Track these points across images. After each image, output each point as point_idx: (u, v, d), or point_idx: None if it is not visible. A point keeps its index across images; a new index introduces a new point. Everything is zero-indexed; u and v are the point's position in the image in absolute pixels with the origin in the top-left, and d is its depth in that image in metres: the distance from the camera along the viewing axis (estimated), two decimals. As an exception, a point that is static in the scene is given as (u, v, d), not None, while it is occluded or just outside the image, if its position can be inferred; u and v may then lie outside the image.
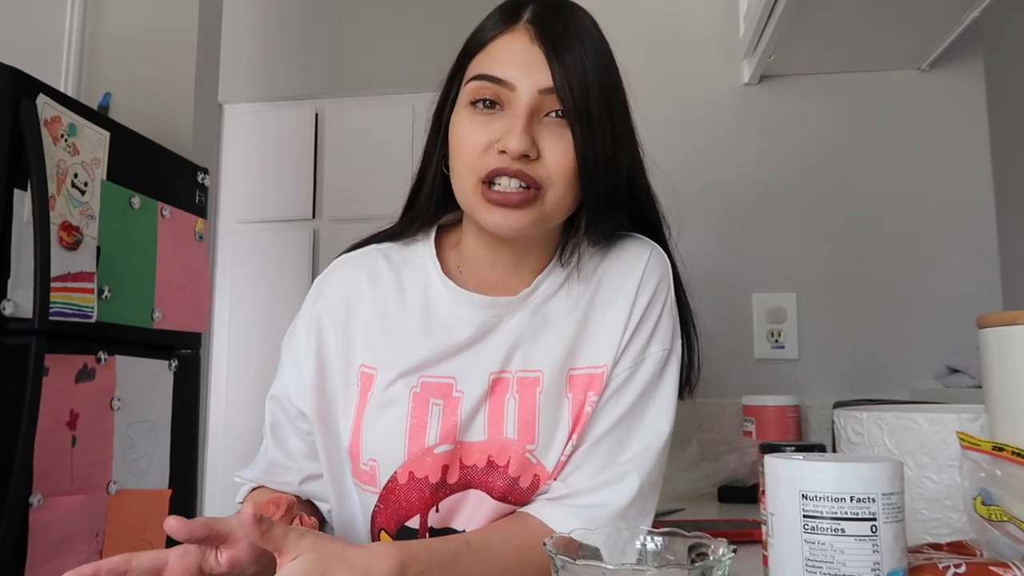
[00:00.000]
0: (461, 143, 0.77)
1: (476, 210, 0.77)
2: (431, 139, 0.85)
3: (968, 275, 1.62)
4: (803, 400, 1.61)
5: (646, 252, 0.86)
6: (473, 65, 0.79)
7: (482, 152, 0.76)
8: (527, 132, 0.74)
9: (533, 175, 0.75)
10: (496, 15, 0.80)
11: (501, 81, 0.76)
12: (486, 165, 0.75)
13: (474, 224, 0.82)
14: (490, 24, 0.80)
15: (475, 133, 0.76)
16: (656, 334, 0.83)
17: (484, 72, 0.77)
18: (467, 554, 0.70)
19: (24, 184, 1.46)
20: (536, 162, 0.75)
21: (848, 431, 0.84)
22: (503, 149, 0.74)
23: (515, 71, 0.75)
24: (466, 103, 0.78)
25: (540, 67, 0.75)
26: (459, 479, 0.78)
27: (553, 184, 0.76)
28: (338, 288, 0.85)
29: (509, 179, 0.74)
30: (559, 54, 0.75)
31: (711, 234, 1.70)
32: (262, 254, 2.79)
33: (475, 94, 0.77)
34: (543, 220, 0.78)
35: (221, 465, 2.69)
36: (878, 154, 1.69)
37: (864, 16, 1.46)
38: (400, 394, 0.79)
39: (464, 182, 0.77)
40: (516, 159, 0.74)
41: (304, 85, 2.85)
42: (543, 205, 0.77)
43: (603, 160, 0.77)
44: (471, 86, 0.78)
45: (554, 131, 0.76)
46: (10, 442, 1.38)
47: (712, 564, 0.53)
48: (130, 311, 1.74)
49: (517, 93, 0.75)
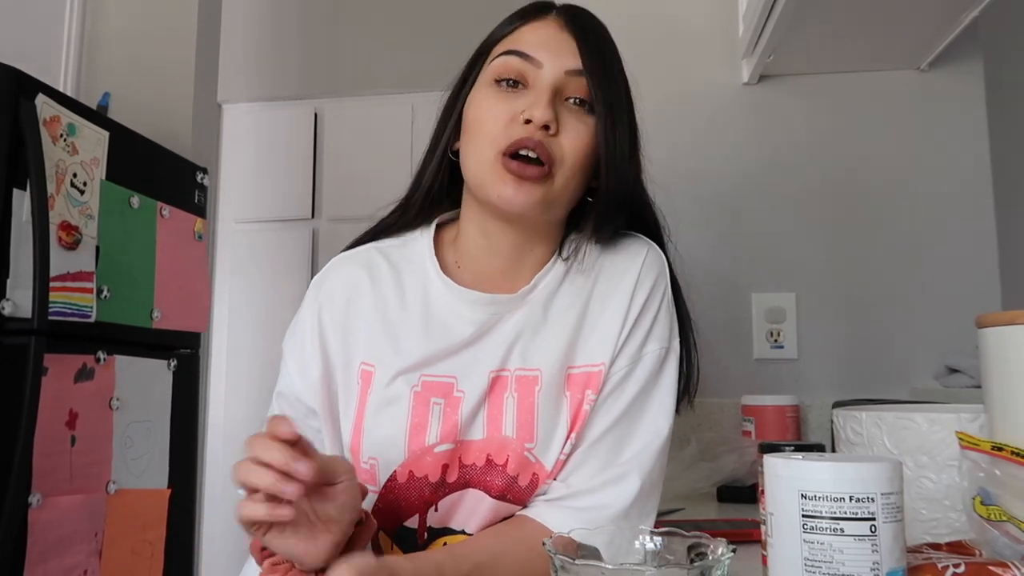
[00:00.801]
0: (483, 116, 0.79)
1: (490, 183, 0.78)
2: (442, 121, 0.87)
3: (967, 274, 1.62)
4: (802, 400, 1.61)
5: (643, 250, 0.86)
6: (498, 47, 0.82)
7: (506, 123, 0.77)
8: (551, 105, 0.77)
9: (550, 149, 0.77)
10: (521, 11, 0.84)
11: (529, 57, 0.79)
12: (509, 136, 0.76)
13: (477, 208, 0.83)
14: (515, 17, 0.84)
15: (498, 106, 0.78)
16: (653, 332, 0.83)
17: (512, 48, 0.80)
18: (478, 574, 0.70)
19: (23, 184, 1.45)
20: (554, 138, 0.77)
21: (847, 431, 0.84)
22: (528, 119, 0.76)
23: (543, 52, 0.79)
24: (489, 81, 0.80)
25: (569, 52, 0.79)
26: (458, 478, 0.78)
27: (564, 164, 0.78)
28: (338, 286, 0.85)
29: (528, 151, 0.76)
30: (588, 43, 0.79)
31: (711, 234, 1.70)
32: (261, 254, 2.79)
33: (500, 71, 0.79)
34: (549, 202, 0.79)
35: (220, 465, 2.68)
36: (877, 154, 1.69)
37: (863, 16, 1.46)
38: (401, 393, 0.79)
39: (483, 154, 0.78)
40: (539, 129, 0.76)
41: (303, 85, 2.85)
42: (552, 185, 0.78)
43: (620, 150, 0.79)
44: (497, 62, 0.80)
45: (574, 114, 0.79)
46: (9, 442, 1.38)
47: (711, 564, 0.53)
48: (129, 311, 1.74)
49: (544, 71, 0.78)
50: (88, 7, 2.33)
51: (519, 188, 0.76)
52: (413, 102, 2.71)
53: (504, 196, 0.77)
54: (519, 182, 0.76)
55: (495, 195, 0.77)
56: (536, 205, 0.77)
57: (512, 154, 0.76)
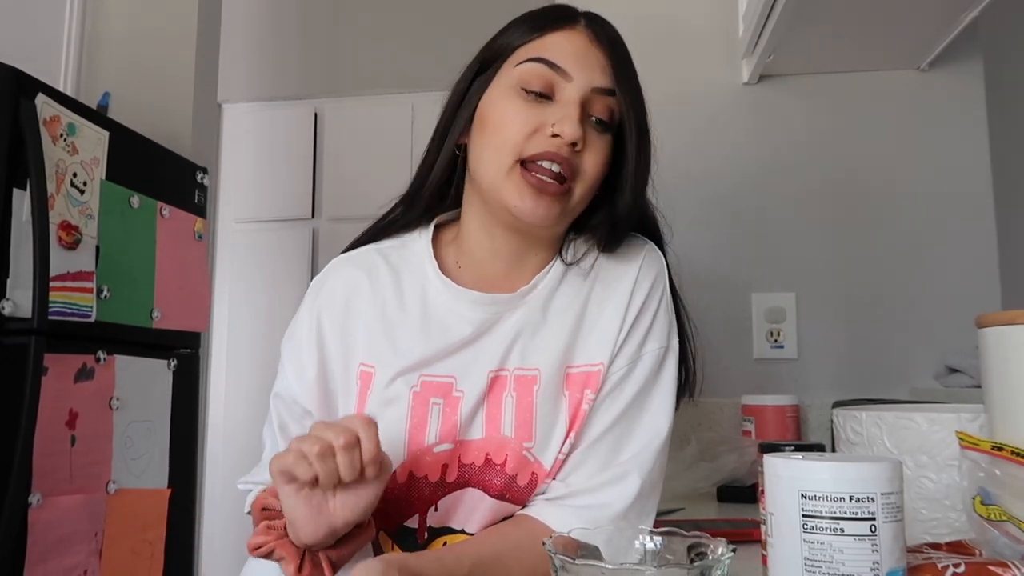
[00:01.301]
0: (507, 122, 0.77)
1: (506, 190, 0.77)
2: (451, 114, 0.84)
3: (967, 274, 1.62)
4: (802, 400, 1.61)
5: (642, 250, 0.86)
6: (524, 50, 0.79)
7: (530, 133, 0.76)
8: (581, 122, 0.76)
9: (574, 165, 0.76)
10: (546, 14, 0.81)
11: (559, 68, 0.77)
12: (533, 147, 0.76)
13: (483, 211, 0.82)
14: (540, 20, 0.81)
15: (524, 114, 0.77)
16: (652, 332, 0.83)
17: (542, 56, 0.78)
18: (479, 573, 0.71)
19: (23, 184, 1.45)
20: (579, 154, 0.77)
21: (847, 431, 0.84)
22: (557, 133, 0.75)
23: (574, 65, 0.77)
24: (514, 85, 0.78)
25: (598, 68, 0.78)
26: (457, 477, 0.78)
27: (583, 181, 0.78)
28: (337, 288, 0.85)
29: (551, 164, 0.75)
30: (619, 61, 0.79)
31: (711, 234, 1.70)
32: (261, 254, 2.79)
33: (527, 78, 0.77)
34: (566, 216, 0.79)
35: (220, 464, 2.69)
36: (877, 154, 1.69)
37: (863, 16, 1.46)
38: (400, 393, 0.79)
39: (501, 159, 0.77)
40: (567, 145, 0.75)
41: (303, 85, 2.85)
42: (570, 200, 0.78)
43: (643, 171, 0.80)
44: (524, 68, 0.78)
45: (595, 132, 0.78)
46: (9, 442, 1.38)
47: (711, 564, 0.53)
48: (129, 311, 1.74)
49: (573, 84, 0.77)
50: (88, 7, 2.33)
51: (538, 201, 0.76)
52: (413, 102, 2.71)
53: (521, 208, 0.76)
54: (538, 195, 0.76)
55: (511, 204, 0.77)
56: (555, 219, 0.78)
57: (530, 163, 0.76)
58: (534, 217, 0.76)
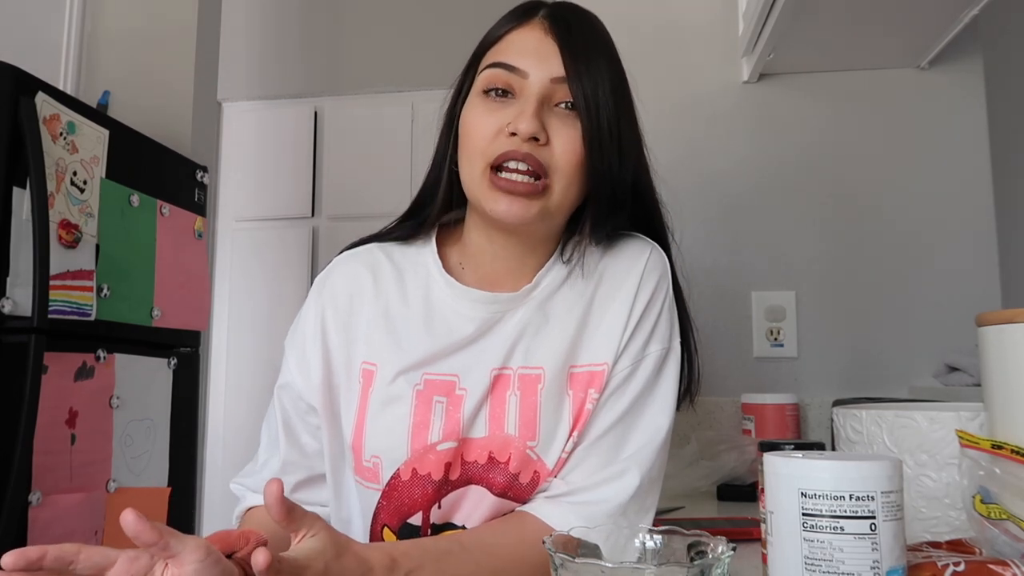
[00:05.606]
0: (472, 129, 0.78)
1: (483, 197, 0.77)
2: (443, 136, 0.86)
3: (967, 273, 1.62)
4: (802, 398, 1.62)
5: (646, 251, 0.86)
6: (487, 57, 0.81)
7: (492, 137, 0.77)
8: (537, 116, 0.75)
9: (540, 160, 0.76)
10: (511, 13, 0.83)
11: (514, 68, 0.78)
12: (495, 149, 0.76)
13: (479, 216, 0.82)
14: (504, 21, 0.82)
15: (486, 118, 0.77)
16: (656, 333, 0.83)
17: (498, 60, 0.79)
18: (459, 552, 0.71)
19: (23, 182, 1.45)
20: (544, 147, 0.76)
21: (847, 429, 0.84)
22: (513, 131, 0.75)
23: (528, 60, 0.78)
24: (479, 92, 0.80)
25: (553, 57, 0.77)
26: (460, 475, 0.79)
27: (559, 173, 0.77)
28: (341, 284, 0.85)
29: (517, 163, 0.75)
30: (571, 46, 0.78)
31: (710, 232, 1.70)
32: (261, 252, 2.78)
33: (488, 82, 0.79)
34: (549, 213, 0.78)
35: (220, 463, 2.68)
36: (877, 152, 1.69)
37: (863, 14, 1.45)
38: (403, 391, 0.79)
39: (473, 168, 0.78)
40: (525, 141, 0.75)
41: (303, 83, 2.85)
42: (550, 197, 0.77)
43: (609, 151, 0.78)
44: (484, 74, 0.79)
45: (563, 120, 0.77)
46: (9, 440, 1.38)
47: (711, 562, 0.53)
48: (129, 309, 1.74)
49: (529, 80, 0.77)
50: (88, 5, 2.33)
51: (512, 203, 0.76)
52: (413, 101, 2.70)
53: (496, 211, 0.76)
54: (511, 197, 0.76)
55: (489, 209, 0.77)
56: (534, 218, 0.77)
57: (499, 167, 0.76)
58: (511, 218, 0.76)
